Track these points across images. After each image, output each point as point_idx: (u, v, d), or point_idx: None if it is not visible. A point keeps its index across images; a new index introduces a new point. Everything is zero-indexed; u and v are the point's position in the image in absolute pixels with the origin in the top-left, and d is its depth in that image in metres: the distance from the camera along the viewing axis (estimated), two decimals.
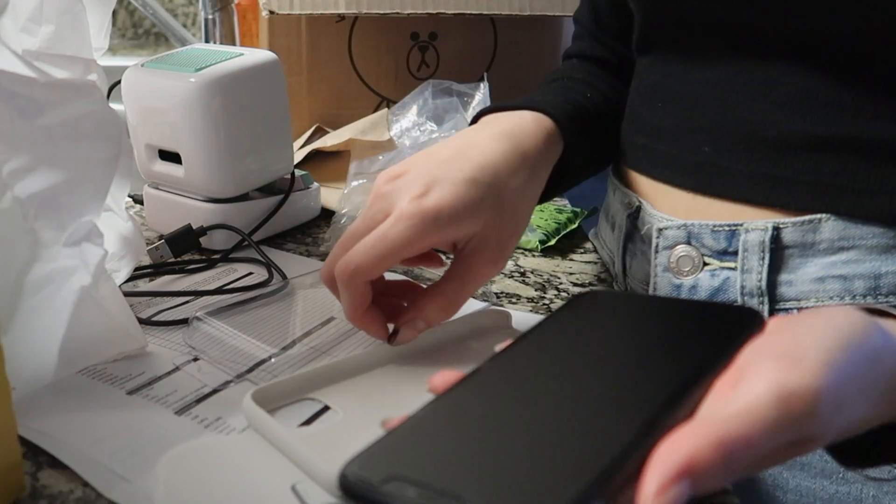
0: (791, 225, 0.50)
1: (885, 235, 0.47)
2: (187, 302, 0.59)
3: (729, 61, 0.53)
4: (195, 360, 0.50)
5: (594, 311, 0.39)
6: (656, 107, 0.58)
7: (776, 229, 0.50)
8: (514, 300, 0.61)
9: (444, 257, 0.52)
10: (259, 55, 0.70)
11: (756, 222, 0.51)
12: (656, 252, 0.57)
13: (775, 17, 0.49)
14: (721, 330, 0.33)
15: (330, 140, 0.95)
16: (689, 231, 0.54)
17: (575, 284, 0.65)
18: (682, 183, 0.56)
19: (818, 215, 0.49)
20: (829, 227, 0.48)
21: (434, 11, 0.93)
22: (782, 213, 0.50)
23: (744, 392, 0.28)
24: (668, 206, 0.57)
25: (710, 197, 0.54)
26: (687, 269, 0.55)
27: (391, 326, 0.46)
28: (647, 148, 0.59)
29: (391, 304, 0.48)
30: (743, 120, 0.51)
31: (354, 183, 0.80)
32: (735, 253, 0.52)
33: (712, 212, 0.53)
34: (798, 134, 0.49)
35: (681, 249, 0.55)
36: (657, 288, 0.58)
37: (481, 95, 0.84)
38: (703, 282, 0.55)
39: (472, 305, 0.58)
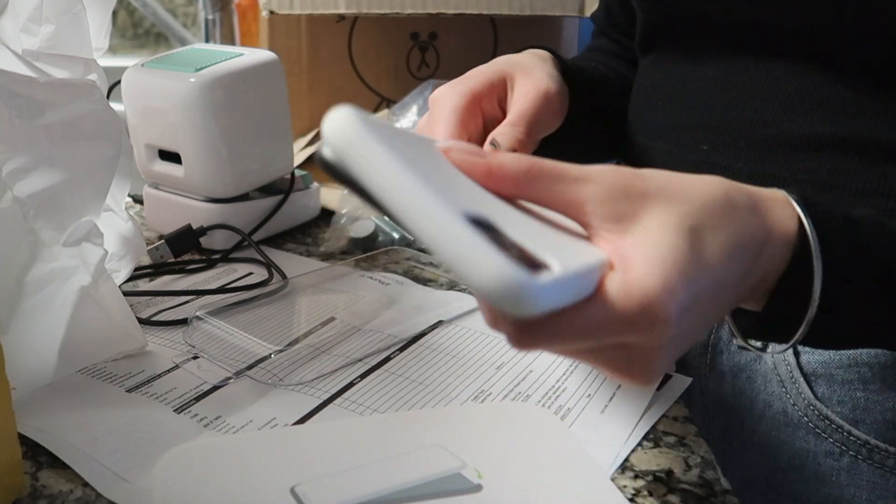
0: None
1: None
2: (187, 302, 0.59)
3: (730, 60, 0.53)
4: (195, 358, 0.50)
5: None
6: (657, 105, 0.58)
7: None
8: None
9: None
10: (259, 55, 0.70)
11: None
12: None
13: (777, 16, 0.49)
14: None
15: None
16: None
17: None
18: None
19: None
20: None
21: (434, 11, 0.93)
22: None
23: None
24: None
25: None
26: None
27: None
28: (646, 146, 0.59)
29: None
30: (743, 118, 0.51)
31: None
32: None
33: None
34: (797, 133, 0.49)
35: None
36: None
37: None
38: None
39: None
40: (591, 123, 0.62)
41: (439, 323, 0.56)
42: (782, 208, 0.36)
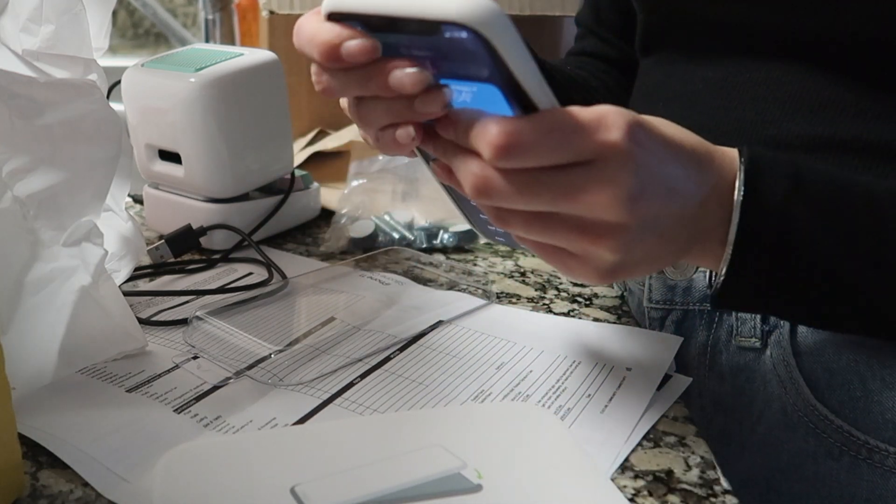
0: None
1: None
2: (187, 302, 0.59)
3: (730, 61, 0.53)
4: (195, 358, 0.50)
5: None
6: (657, 106, 0.58)
7: None
8: (514, 300, 0.62)
9: None
10: (259, 55, 0.70)
11: None
12: None
13: (777, 17, 0.49)
14: None
15: (331, 142, 0.96)
16: None
17: (575, 284, 0.65)
18: None
19: None
20: None
21: None
22: None
23: None
24: None
25: None
26: (682, 269, 0.55)
27: None
28: None
29: None
30: (743, 119, 0.51)
31: (354, 183, 0.80)
32: None
33: None
34: (797, 134, 0.49)
35: None
36: (652, 289, 0.58)
37: None
38: (698, 283, 0.55)
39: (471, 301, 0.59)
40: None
41: (439, 323, 0.56)
42: (728, 149, 0.42)
